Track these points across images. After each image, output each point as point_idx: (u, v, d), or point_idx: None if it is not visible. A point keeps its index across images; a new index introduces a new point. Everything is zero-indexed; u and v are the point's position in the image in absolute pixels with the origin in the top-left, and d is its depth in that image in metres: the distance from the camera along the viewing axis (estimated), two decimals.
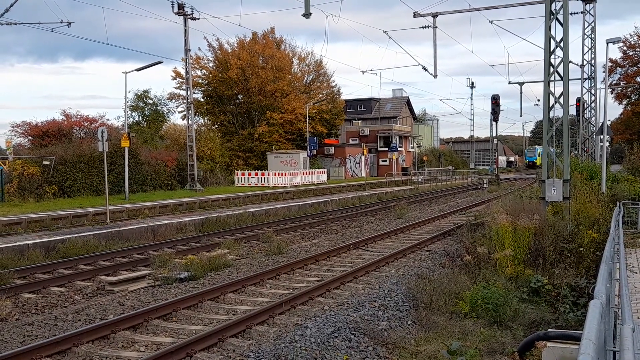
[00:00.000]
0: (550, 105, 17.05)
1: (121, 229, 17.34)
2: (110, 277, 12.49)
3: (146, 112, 54.01)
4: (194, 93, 48.18)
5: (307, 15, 20.68)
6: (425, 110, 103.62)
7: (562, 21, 16.83)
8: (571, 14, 32.06)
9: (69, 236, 15.61)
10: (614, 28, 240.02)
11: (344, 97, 65.76)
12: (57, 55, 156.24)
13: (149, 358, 7.13)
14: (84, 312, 9.84)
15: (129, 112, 51.37)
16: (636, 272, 11.52)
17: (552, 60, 17.00)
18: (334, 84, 61.99)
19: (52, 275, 12.86)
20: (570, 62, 17.33)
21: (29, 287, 11.52)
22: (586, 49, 36.66)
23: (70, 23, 26.49)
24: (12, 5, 25.64)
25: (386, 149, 67.70)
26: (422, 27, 28.80)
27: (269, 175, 43.45)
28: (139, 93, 53.41)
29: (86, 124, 39.18)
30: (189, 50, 37.17)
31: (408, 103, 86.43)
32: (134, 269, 13.62)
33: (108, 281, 12.08)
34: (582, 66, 37.02)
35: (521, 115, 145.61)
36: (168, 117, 56.11)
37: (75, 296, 11.26)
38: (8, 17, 26.46)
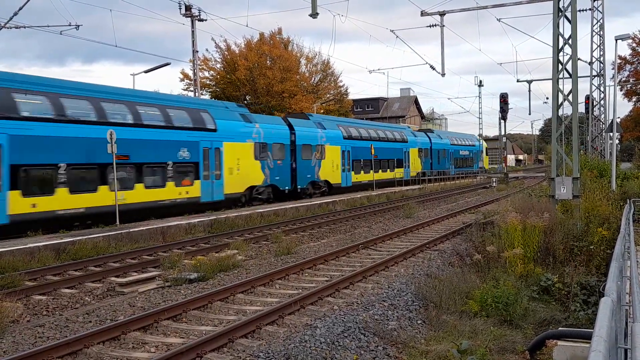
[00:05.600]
0: (559, 103, 16.98)
1: (131, 230, 17.39)
2: (120, 279, 12.54)
3: None
4: (202, 94, 48.28)
5: (314, 15, 20.67)
6: (433, 109, 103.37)
7: (570, 18, 16.75)
8: (579, 11, 31.96)
9: (78, 238, 15.68)
10: (621, 25, 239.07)
11: (351, 96, 65.87)
12: (66, 58, 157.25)
13: (160, 359, 7.16)
14: (95, 314, 9.89)
15: None
16: None
17: (561, 58, 16.93)
18: (341, 83, 62.09)
19: (63, 277, 12.92)
20: (579, 59, 17.25)
21: (40, 289, 11.59)
22: (595, 46, 36.47)
23: (78, 26, 26.69)
24: (20, 8, 25.81)
25: None
26: (430, 26, 28.76)
27: None
28: None
29: None
30: (197, 51, 37.26)
31: (416, 102, 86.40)
32: (143, 270, 13.67)
33: (118, 282, 12.13)
34: (590, 63, 36.83)
35: (530, 114, 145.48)
36: None
37: (85, 297, 11.32)
38: (17, 21, 26.60)
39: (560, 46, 16.87)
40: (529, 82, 47.73)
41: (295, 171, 30.45)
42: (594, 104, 38.33)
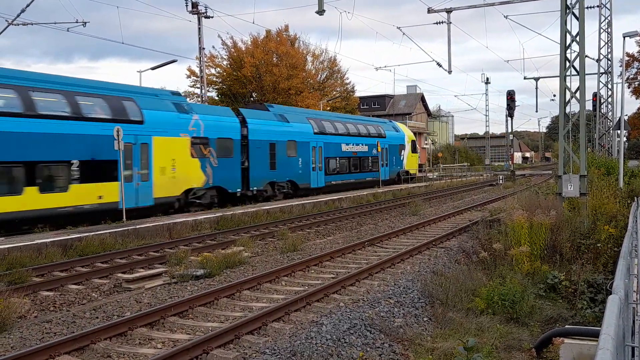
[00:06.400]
0: (567, 100, 16.90)
1: (137, 227, 17.44)
2: (126, 275, 12.58)
3: None
4: (208, 91, 48.36)
5: (320, 12, 20.68)
6: (439, 107, 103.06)
7: (577, 15, 16.66)
8: (587, 8, 31.78)
9: (85, 234, 15.74)
10: (629, 22, 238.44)
11: (358, 93, 65.75)
12: (73, 55, 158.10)
13: (166, 355, 7.18)
14: (102, 310, 9.93)
15: None
16: None
17: (568, 55, 16.84)
18: (348, 80, 62.02)
19: (70, 273, 12.98)
20: (586, 56, 17.17)
21: (47, 284, 11.65)
22: (602, 43, 36.27)
23: (85, 23, 26.77)
24: (28, 5, 25.91)
25: None
26: (436, 23, 28.69)
27: None
28: None
29: None
30: (203, 48, 37.33)
31: (422, 99, 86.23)
32: (150, 266, 13.71)
33: (125, 279, 12.17)
34: (598, 61, 36.64)
35: (537, 111, 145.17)
36: None
37: (92, 294, 11.37)
38: (24, 18, 26.71)
39: (567, 43, 16.79)
40: (536, 79, 47.63)
41: None
42: (602, 101, 38.16)
